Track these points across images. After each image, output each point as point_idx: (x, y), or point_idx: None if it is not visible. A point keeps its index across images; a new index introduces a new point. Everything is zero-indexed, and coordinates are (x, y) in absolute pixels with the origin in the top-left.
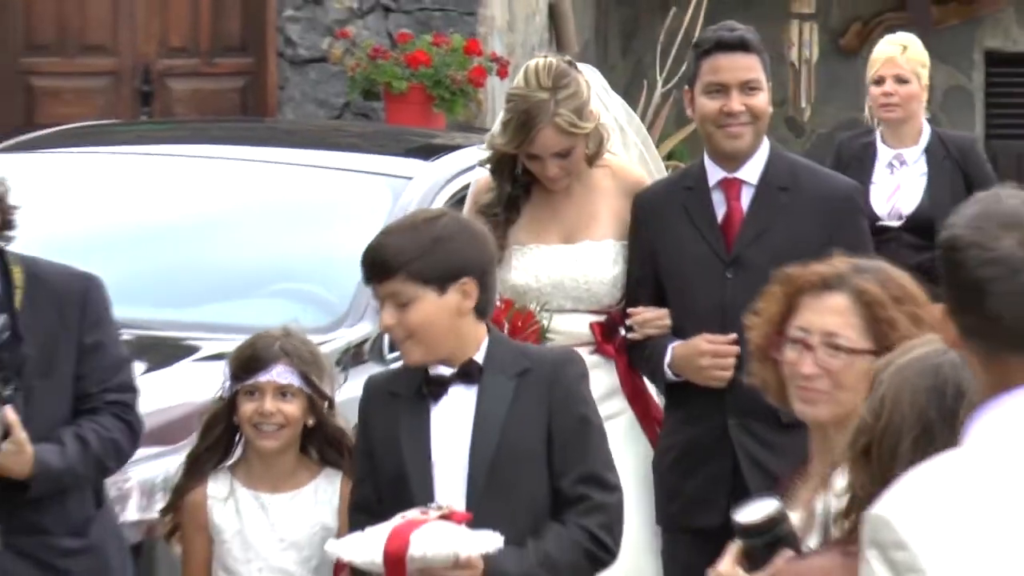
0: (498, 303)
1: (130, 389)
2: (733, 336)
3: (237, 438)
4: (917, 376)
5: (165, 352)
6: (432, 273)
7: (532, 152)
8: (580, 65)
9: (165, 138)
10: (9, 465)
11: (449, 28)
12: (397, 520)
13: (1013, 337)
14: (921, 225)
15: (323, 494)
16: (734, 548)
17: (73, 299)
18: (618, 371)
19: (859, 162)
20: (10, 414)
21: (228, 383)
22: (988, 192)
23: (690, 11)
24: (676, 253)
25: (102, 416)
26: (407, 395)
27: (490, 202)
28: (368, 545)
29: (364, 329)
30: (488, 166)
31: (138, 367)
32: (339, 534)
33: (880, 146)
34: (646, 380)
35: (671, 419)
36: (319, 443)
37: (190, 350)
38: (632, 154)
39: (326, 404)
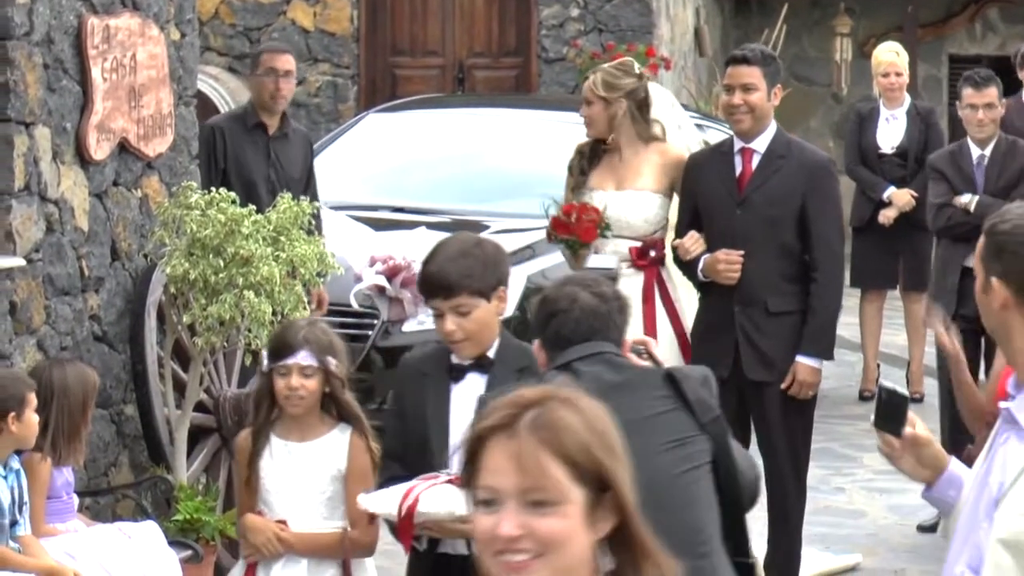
0: (573, 203)
1: None
2: (740, 252)
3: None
4: None
5: (472, 227)
6: (485, 287)
7: (584, 96)
8: (656, 87)
9: (471, 103)
10: None
11: (636, 40)
12: (413, 482)
13: None
14: (902, 153)
15: (336, 442)
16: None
17: None
18: (644, 277)
19: (869, 118)
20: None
21: (267, 362)
22: None
23: (775, 32)
24: (707, 195)
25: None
26: (434, 375)
27: (583, 150)
28: (388, 501)
29: None
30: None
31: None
32: (347, 473)
33: (882, 109)
34: (667, 284)
35: (701, 305)
36: (335, 405)
37: (486, 227)
38: (687, 142)
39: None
